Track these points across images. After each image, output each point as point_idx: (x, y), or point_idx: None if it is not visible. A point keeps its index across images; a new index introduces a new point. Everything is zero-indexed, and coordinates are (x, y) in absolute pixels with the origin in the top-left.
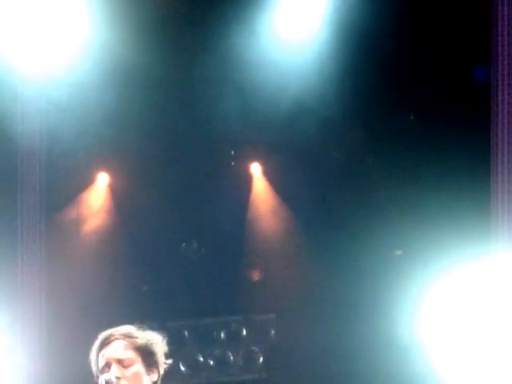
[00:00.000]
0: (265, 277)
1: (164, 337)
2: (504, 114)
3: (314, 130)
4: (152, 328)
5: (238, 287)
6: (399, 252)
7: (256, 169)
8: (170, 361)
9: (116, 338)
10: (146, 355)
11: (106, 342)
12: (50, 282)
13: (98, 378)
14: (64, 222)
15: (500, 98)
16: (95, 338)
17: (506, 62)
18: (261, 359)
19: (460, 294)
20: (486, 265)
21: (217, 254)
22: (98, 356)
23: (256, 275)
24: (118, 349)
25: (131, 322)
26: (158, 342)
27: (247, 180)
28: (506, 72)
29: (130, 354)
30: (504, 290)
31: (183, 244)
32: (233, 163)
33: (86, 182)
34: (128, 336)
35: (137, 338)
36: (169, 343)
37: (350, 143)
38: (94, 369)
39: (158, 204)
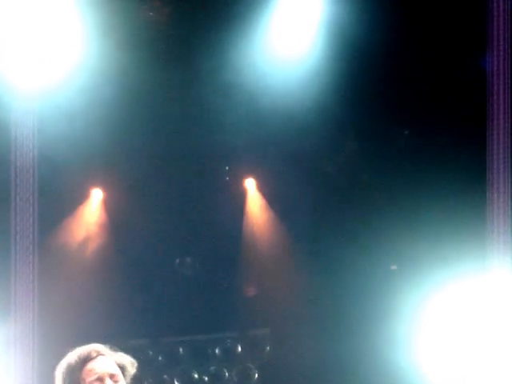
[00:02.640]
0: (260, 292)
1: (135, 361)
2: (500, 117)
3: (307, 144)
4: (145, 344)
5: (232, 303)
6: (394, 267)
7: (250, 184)
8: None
9: (100, 354)
10: (124, 373)
11: (90, 357)
12: (43, 296)
13: None
14: (58, 238)
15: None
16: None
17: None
18: (256, 375)
19: (456, 309)
20: (483, 280)
21: (211, 270)
22: (81, 370)
23: (251, 291)
24: (109, 364)
25: (126, 338)
26: (128, 363)
27: (242, 195)
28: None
29: (118, 371)
30: (500, 304)
31: (177, 260)
32: (227, 178)
33: (80, 198)
34: (108, 354)
35: (115, 355)
36: (164, 360)
37: (343, 157)
38: (68, 381)
39: (152, 219)
